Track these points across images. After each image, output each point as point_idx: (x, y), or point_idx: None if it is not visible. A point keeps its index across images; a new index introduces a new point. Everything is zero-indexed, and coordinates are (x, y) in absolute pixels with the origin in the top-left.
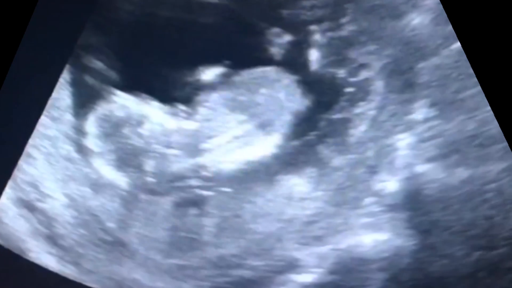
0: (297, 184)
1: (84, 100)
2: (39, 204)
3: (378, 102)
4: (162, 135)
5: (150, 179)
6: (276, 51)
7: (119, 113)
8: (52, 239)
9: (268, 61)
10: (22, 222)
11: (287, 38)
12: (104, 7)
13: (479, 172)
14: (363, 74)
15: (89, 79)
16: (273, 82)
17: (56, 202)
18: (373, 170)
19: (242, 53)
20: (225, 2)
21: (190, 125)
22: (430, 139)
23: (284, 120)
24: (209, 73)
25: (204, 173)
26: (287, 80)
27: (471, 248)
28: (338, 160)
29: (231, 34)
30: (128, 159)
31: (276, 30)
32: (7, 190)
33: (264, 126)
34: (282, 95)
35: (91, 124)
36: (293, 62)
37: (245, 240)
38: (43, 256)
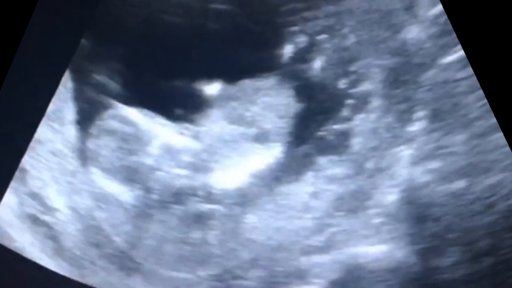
0: (298, 194)
1: (88, 114)
2: (44, 217)
3: (377, 114)
4: (165, 151)
5: (154, 195)
6: (277, 61)
7: (123, 128)
8: (58, 252)
9: (268, 70)
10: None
11: (288, 48)
12: (105, 17)
13: (479, 183)
14: (363, 86)
15: (93, 93)
16: (274, 92)
17: (61, 215)
18: (372, 181)
19: (243, 63)
20: (228, 11)
21: (192, 141)
22: (429, 151)
23: (284, 130)
24: (212, 86)
25: (207, 189)
26: (288, 89)
27: (471, 257)
28: (337, 171)
29: (233, 44)
30: (132, 174)
31: (277, 39)
32: (10, 202)
33: (264, 136)
34: (282, 104)
35: (95, 138)
36: (294, 72)
37: (248, 252)
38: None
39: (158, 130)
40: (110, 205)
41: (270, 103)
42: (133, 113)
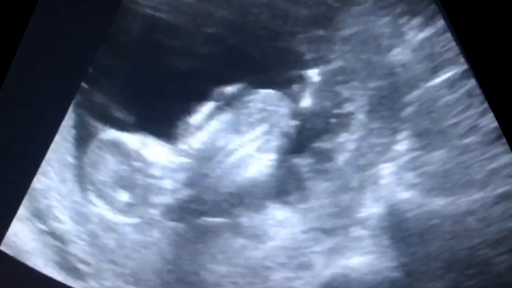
0: (286, 210)
1: (88, 137)
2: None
3: (361, 133)
4: (161, 168)
5: (151, 211)
6: (266, 79)
7: (122, 148)
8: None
9: (261, 86)
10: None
11: (278, 68)
12: (109, 44)
13: (461, 200)
14: (347, 107)
15: (92, 117)
16: (265, 108)
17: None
18: (356, 197)
19: (237, 78)
20: (223, 31)
21: (187, 156)
22: (412, 169)
23: (272, 145)
24: (208, 107)
25: (200, 203)
26: (278, 106)
27: (449, 270)
28: (322, 187)
29: (229, 67)
30: (129, 191)
31: (268, 60)
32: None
33: (255, 150)
34: (272, 120)
35: (95, 161)
36: (283, 90)
37: (238, 266)
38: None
39: (154, 149)
40: (110, 223)
41: (262, 123)
42: (133, 137)
